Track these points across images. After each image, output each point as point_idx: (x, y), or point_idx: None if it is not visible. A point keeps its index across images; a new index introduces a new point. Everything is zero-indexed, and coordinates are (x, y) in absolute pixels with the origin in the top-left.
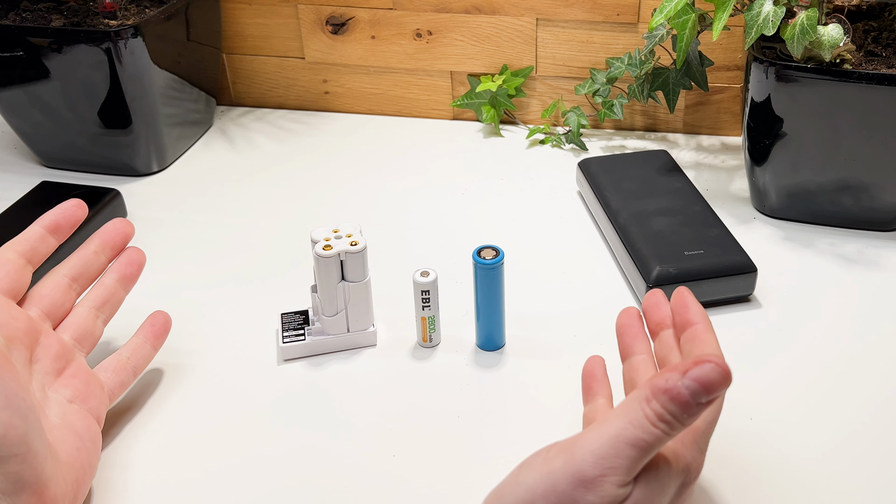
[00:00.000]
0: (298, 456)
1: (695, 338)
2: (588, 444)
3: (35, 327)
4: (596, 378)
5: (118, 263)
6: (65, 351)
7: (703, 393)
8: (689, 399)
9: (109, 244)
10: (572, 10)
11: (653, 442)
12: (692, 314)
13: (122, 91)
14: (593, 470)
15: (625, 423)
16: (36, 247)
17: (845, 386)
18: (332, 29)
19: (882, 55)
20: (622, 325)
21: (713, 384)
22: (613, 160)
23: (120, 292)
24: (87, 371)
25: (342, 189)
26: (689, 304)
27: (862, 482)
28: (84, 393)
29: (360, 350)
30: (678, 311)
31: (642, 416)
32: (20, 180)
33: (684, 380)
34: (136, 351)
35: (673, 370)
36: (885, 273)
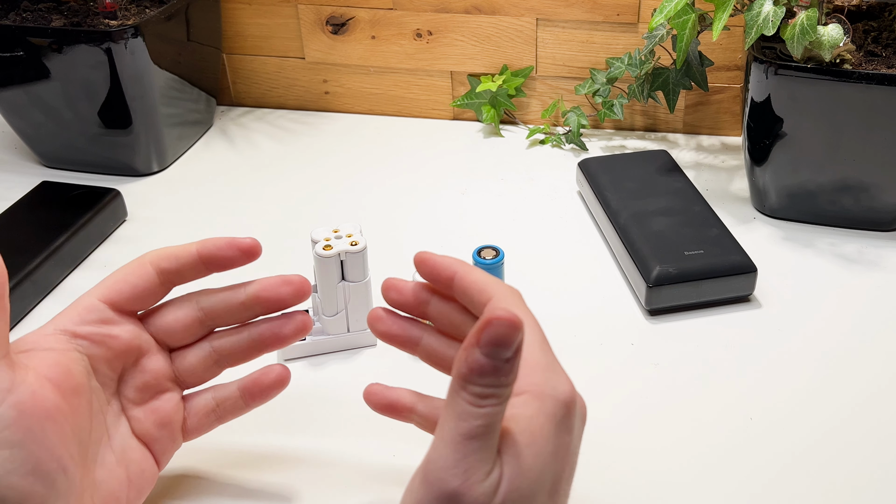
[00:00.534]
0: (298, 455)
1: (465, 287)
2: (436, 461)
3: (139, 347)
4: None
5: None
6: (159, 382)
7: (504, 350)
8: (495, 364)
9: (262, 302)
10: (572, 10)
11: (489, 423)
12: (445, 268)
13: (123, 91)
14: (454, 481)
15: (455, 423)
16: (183, 271)
17: (845, 385)
18: (333, 29)
19: (882, 55)
20: (382, 333)
21: (507, 338)
22: (613, 160)
23: (251, 352)
24: (171, 411)
25: (342, 189)
26: (437, 262)
27: (862, 482)
28: (154, 436)
29: (360, 350)
30: (430, 274)
31: (466, 405)
32: (20, 180)
33: (480, 349)
34: (227, 401)
35: (467, 347)
36: (885, 273)
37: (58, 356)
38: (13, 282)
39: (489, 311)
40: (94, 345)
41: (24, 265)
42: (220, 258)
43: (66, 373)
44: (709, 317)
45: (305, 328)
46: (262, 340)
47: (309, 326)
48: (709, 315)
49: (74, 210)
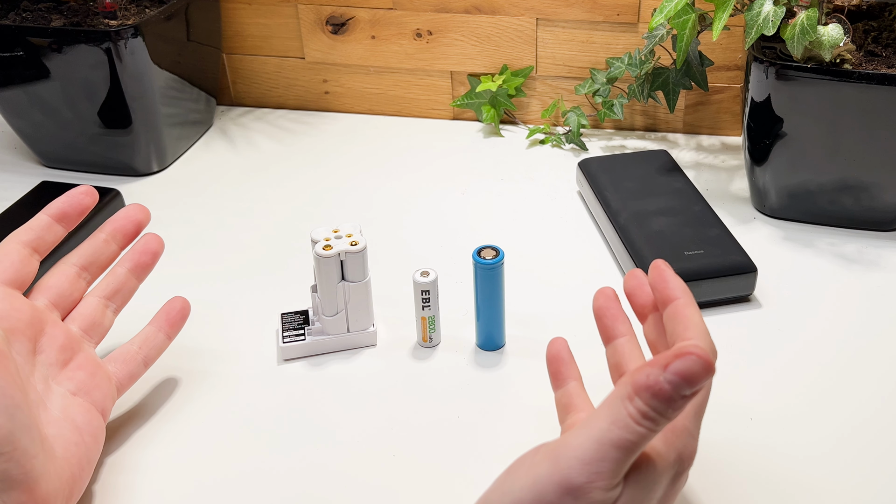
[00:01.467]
0: (298, 455)
1: (676, 315)
2: (572, 449)
3: (40, 318)
4: (563, 361)
5: (131, 252)
6: (71, 342)
7: (685, 386)
8: (672, 393)
9: (121, 232)
10: (572, 10)
11: (637, 441)
12: (671, 289)
13: (122, 91)
14: (580, 477)
15: (608, 425)
16: (42, 236)
17: (845, 385)
18: (332, 29)
19: (882, 55)
20: (600, 307)
21: (695, 376)
22: (613, 160)
23: (132, 282)
24: (93, 362)
25: (342, 189)
26: (668, 279)
27: (862, 481)
28: (89, 385)
29: (360, 350)
30: (657, 286)
31: (625, 415)
32: (20, 180)
33: (665, 374)
34: (147, 340)
35: (654, 364)
36: (885, 273)
37: None
38: None
39: (688, 346)
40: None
41: None
42: (68, 208)
43: None
44: (709, 317)
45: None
46: (138, 264)
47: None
48: (709, 315)
49: None
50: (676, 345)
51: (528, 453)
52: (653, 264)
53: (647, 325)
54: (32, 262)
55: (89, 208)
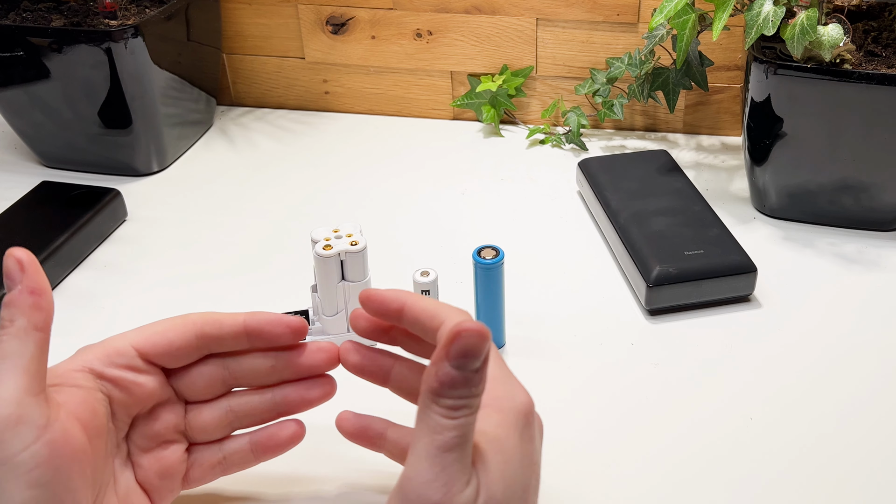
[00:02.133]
0: (298, 455)
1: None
2: (413, 478)
3: (156, 398)
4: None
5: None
6: (168, 433)
7: (473, 361)
8: (465, 375)
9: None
10: (572, 10)
11: (463, 433)
12: (391, 301)
13: (123, 91)
14: (435, 495)
15: (429, 437)
16: (225, 340)
17: (845, 385)
18: (333, 29)
19: (882, 55)
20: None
21: (476, 348)
22: (613, 160)
23: (270, 414)
24: (174, 462)
25: (342, 189)
26: (382, 297)
27: (862, 481)
28: (156, 485)
29: None
30: (379, 310)
31: (439, 418)
32: (20, 180)
33: (450, 363)
34: (235, 454)
35: (435, 362)
36: (885, 273)
37: (85, 395)
38: None
39: (453, 327)
40: (117, 388)
41: None
42: (267, 333)
43: (92, 414)
44: (709, 317)
45: (332, 392)
46: (287, 404)
47: (333, 391)
48: (709, 315)
49: (74, 210)
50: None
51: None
52: (363, 298)
53: (403, 343)
54: (194, 355)
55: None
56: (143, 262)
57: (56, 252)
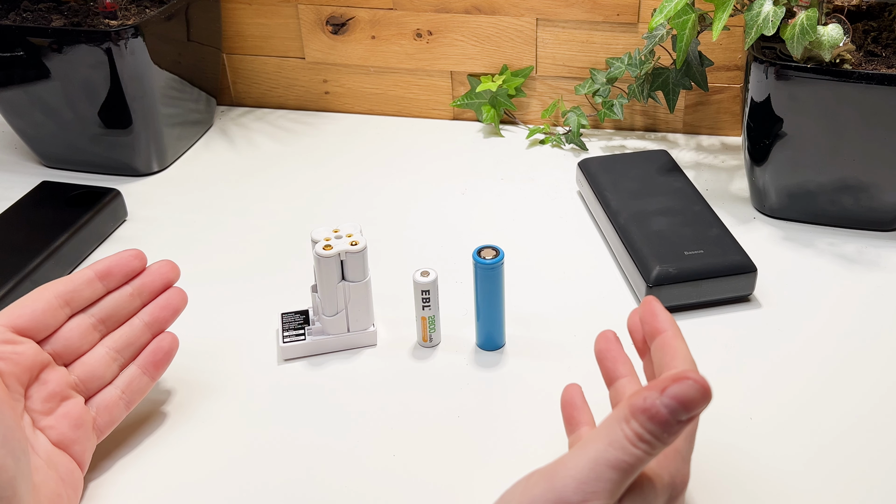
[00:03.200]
0: (298, 455)
1: (664, 346)
2: (568, 469)
3: (39, 363)
4: (576, 406)
5: (152, 306)
6: (62, 390)
7: (682, 411)
8: (669, 417)
9: (148, 288)
10: (572, 10)
11: (634, 463)
12: (660, 322)
13: (123, 91)
14: (575, 496)
15: (604, 446)
16: (80, 289)
17: (845, 385)
18: (333, 29)
19: (882, 55)
20: (601, 350)
21: (692, 401)
22: (613, 160)
23: (146, 335)
24: (79, 414)
25: (342, 189)
26: (657, 313)
27: (862, 480)
28: (71, 437)
29: (360, 350)
30: (646, 320)
31: (622, 437)
32: (20, 180)
33: (662, 398)
34: (131, 384)
35: (651, 388)
36: (885, 273)
37: None
38: (13, 282)
39: (686, 372)
40: (2, 361)
41: (24, 265)
42: (115, 267)
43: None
44: (709, 317)
45: (186, 296)
46: (157, 321)
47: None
48: (709, 315)
49: (74, 210)
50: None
51: (524, 477)
52: (644, 300)
53: (645, 360)
54: (59, 313)
55: (136, 271)
56: None
57: (56, 252)
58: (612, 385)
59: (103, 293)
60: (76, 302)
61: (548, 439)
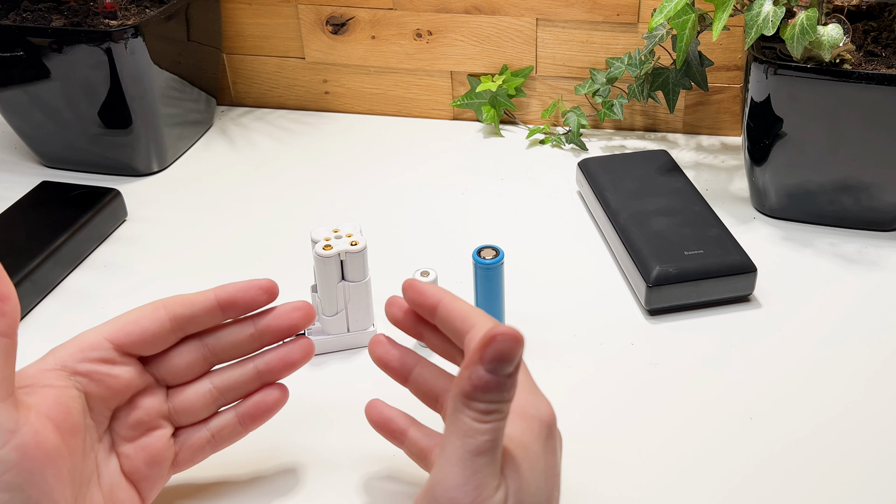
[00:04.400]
0: (298, 456)
1: (448, 315)
2: (443, 480)
3: (134, 387)
4: (388, 419)
5: (271, 355)
6: (151, 419)
7: (506, 365)
8: (498, 380)
9: (273, 332)
10: (572, 10)
11: (493, 437)
12: (430, 297)
13: (123, 91)
14: (465, 499)
15: (460, 441)
16: (198, 316)
17: (845, 385)
18: (333, 29)
19: (882, 55)
20: (379, 358)
21: (511, 352)
22: (613, 160)
23: (254, 383)
24: (160, 449)
25: (342, 188)
26: (422, 290)
27: (862, 481)
28: (143, 474)
29: (360, 350)
30: (416, 301)
31: (471, 422)
32: (20, 180)
33: (484, 367)
34: (223, 430)
35: (468, 366)
36: (885, 273)
37: (58, 394)
38: (13, 282)
39: (488, 331)
40: (92, 383)
41: (24, 265)
42: (240, 301)
43: (65, 412)
44: (709, 317)
45: (311, 350)
46: (269, 371)
47: (312, 350)
48: (709, 315)
49: (74, 210)
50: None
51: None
52: (403, 285)
53: (427, 339)
54: (171, 337)
55: (262, 306)
56: (143, 263)
57: (56, 252)
58: (407, 382)
59: (221, 322)
60: (191, 328)
61: None
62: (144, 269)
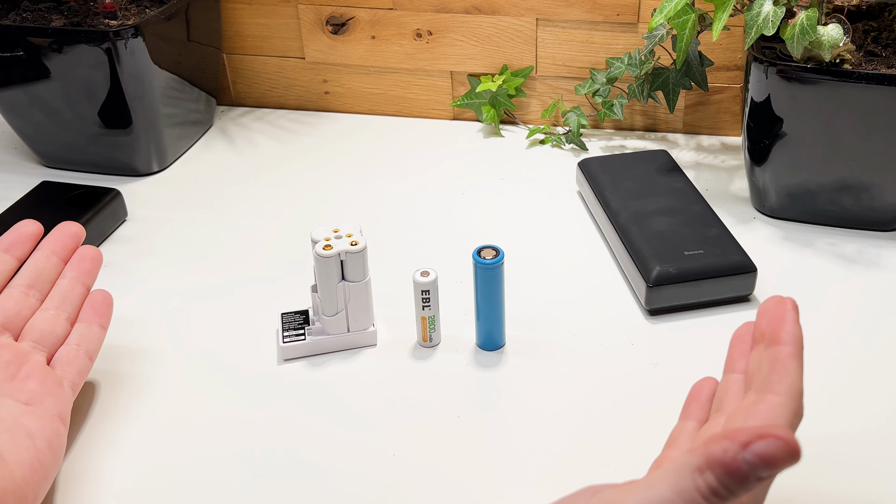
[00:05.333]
0: (298, 455)
1: (776, 362)
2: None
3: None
4: (699, 400)
5: (73, 261)
6: (17, 355)
7: (764, 469)
8: (748, 474)
9: (59, 246)
10: (572, 10)
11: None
12: (784, 333)
13: (123, 91)
14: None
15: (672, 495)
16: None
17: (844, 385)
18: (333, 29)
19: (882, 55)
20: (736, 337)
21: (777, 461)
22: (613, 160)
23: (78, 288)
24: (42, 370)
25: (342, 189)
26: (786, 321)
27: (861, 480)
28: (40, 393)
29: (360, 350)
30: (772, 322)
31: (692, 488)
32: (20, 180)
33: (745, 453)
34: (83, 336)
35: (733, 439)
36: (885, 273)
37: None
38: None
39: (773, 429)
40: None
41: None
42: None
43: None
44: (709, 317)
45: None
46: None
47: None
48: (709, 315)
49: (74, 210)
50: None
51: (588, 489)
52: (786, 299)
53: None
54: None
55: (37, 235)
56: (144, 262)
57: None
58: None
59: (15, 266)
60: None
61: (548, 439)
62: (144, 268)
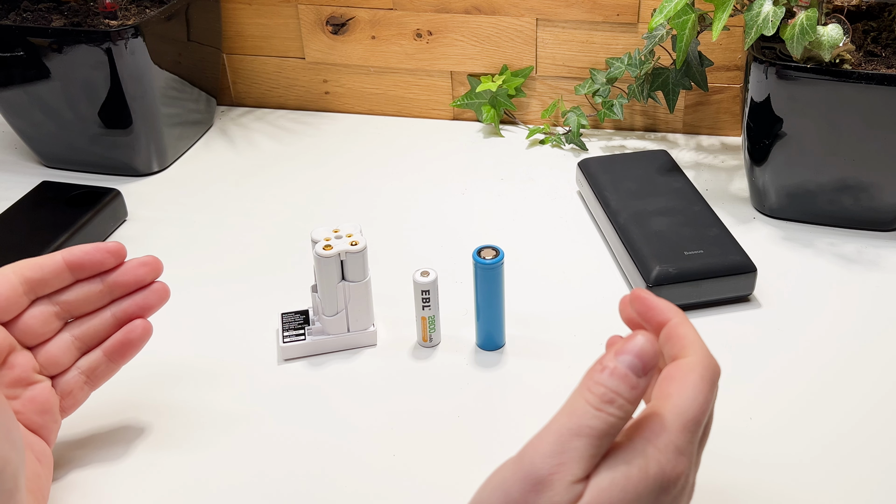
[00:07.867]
0: (298, 455)
1: (670, 336)
2: (534, 445)
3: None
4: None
5: (125, 302)
6: (27, 375)
7: (638, 364)
8: (626, 371)
9: (121, 286)
10: (572, 10)
11: (600, 428)
12: (661, 312)
13: (123, 91)
14: (543, 468)
15: (567, 417)
16: (47, 279)
17: (845, 385)
18: (333, 29)
19: (881, 55)
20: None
21: (646, 353)
22: (613, 160)
23: (113, 328)
24: (45, 398)
25: (342, 189)
26: (652, 304)
27: (861, 480)
28: (38, 423)
29: (360, 350)
30: (644, 315)
31: (584, 404)
32: (20, 180)
33: (619, 357)
34: (93, 368)
35: (605, 356)
36: (885, 273)
37: None
38: None
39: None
40: None
41: None
42: (87, 263)
43: None
44: (709, 317)
45: (166, 294)
46: (126, 315)
47: (167, 293)
48: (709, 315)
49: (74, 210)
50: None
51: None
52: (633, 296)
53: None
54: (23, 300)
55: (108, 267)
56: None
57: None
58: None
59: (71, 283)
60: (40, 291)
61: None
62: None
